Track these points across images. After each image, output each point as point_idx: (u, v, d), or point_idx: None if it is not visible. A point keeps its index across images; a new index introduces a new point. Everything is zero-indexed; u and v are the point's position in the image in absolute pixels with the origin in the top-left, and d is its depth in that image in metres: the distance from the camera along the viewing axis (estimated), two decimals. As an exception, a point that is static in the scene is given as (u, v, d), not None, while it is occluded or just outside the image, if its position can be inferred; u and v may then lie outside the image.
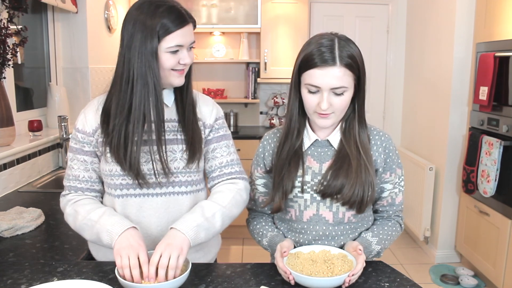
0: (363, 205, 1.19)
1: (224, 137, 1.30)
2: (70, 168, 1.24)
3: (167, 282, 0.99)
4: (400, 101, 4.13)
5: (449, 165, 3.17)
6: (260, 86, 4.10)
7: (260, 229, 1.30)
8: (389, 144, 1.25)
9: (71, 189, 1.24)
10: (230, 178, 1.28)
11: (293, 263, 1.12)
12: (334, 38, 1.14)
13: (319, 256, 1.14)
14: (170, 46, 1.11)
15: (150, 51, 1.10)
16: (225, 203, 1.20)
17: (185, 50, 1.15)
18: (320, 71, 1.11)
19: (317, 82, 1.12)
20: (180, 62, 1.15)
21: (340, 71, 1.11)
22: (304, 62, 1.14)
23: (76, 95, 2.87)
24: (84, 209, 1.17)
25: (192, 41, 1.16)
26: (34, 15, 2.65)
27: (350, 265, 1.10)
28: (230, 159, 1.29)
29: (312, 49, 1.13)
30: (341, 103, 1.15)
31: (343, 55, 1.11)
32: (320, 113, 1.15)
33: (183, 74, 1.18)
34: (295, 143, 1.24)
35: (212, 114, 1.29)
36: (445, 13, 3.18)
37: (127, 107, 1.13)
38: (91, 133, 1.20)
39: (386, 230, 1.26)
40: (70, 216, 1.21)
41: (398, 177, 1.28)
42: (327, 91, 1.12)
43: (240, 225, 1.64)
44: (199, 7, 3.73)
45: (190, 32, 1.15)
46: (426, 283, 2.97)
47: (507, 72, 2.53)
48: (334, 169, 1.19)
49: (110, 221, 1.12)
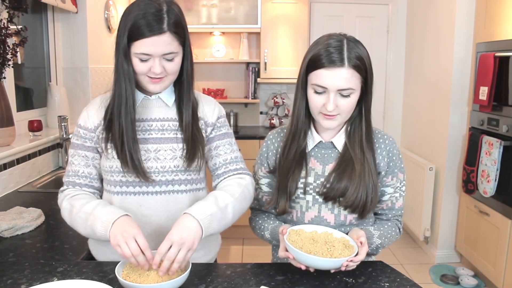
0: (366, 209, 1.19)
1: (226, 135, 1.30)
2: (70, 164, 1.24)
3: (166, 282, 0.99)
4: (400, 101, 4.13)
5: (449, 165, 3.17)
6: (260, 86, 4.10)
7: (262, 224, 1.30)
8: (393, 148, 1.25)
9: (69, 184, 1.23)
10: (236, 174, 1.27)
11: (294, 239, 1.11)
12: (343, 39, 1.13)
13: (321, 237, 1.13)
14: (136, 53, 1.10)
15: (123, 49, 1.11)
16: (236, 195, 1.18)
17: (156, 59, 1.11)
18: (327, 71, 1.10)
19: (324, 82, 1.11)
20: (151, 70, 1.12)
21: (348, 73, 1.10)
22: (312, 62, 1.13)
23: (76, 95, 2.87)
24: (79, 203, 1.16)
25: (166, 52, 1.10)
26: (34, 15, 2.64)
27: (351, 250, 1.09)
28: (234, 156, 1.29)
29: (320, 49, 1.12)
30: (347, 105, 1.14)
31: (351, 56, 1.10)
32: (325, 114, 1.15)
33: (157, 82, 1.15)
34: (302, 144, 1.23)
35: (214, 113, 1.29)
36: (445, 13, 3.18)
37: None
38: (93, 129, 1.21)
39: (387, 228, 1.26)
40: (65, 210, 1.19)
41: (400, 181, 1.27)
42: (334, 92, 1.11)
43: (240, 225, 1.64)
44: (199, 7, 3.73)
45: (163, 42, 1.09)
46: (426, 283, 2.97)
47: (507, 72, 2.53)
48: (337, 172, 1.19)
49: (104, 211, 1.10)
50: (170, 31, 1.09)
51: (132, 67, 1.13)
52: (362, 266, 1.18)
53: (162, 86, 1.17)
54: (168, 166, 1.20)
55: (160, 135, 1.22)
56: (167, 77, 1.16)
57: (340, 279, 1.11)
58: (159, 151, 1.20)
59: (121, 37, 1.11)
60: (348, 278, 1.11)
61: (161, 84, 1.17)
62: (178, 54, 1.14)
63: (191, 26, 1.22)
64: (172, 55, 1.12)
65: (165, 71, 1.14)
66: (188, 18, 1.17)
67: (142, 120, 1.22)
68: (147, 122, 1.22)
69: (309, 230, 1.16)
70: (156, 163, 1.20)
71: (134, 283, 0.98)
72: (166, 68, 1.13)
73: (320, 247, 1.08)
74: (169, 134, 1.22)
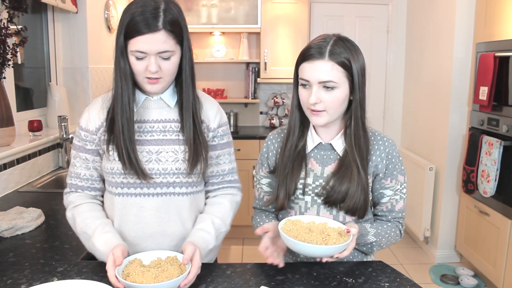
0: (364, 211, 1.21)
1: (227, 144, 1.32)
2: (72, 166, 1.26)
3: (166, 282, 0.99)
4: (400, 101, 4.13)
5: (449, 165, 3.17)
6: (260, 86, 4.10)
7: (260, 221, 1.32)
8: (392, 150, 1.25)
9: (72, 187, 1.26)
10: (230, 187, 1.34)
11: (289, 228, 1.12)
12: (332, 38, 1.16)
13: (318, 227, 1.14)
14: (132, 50, 1.10)
15: (120, 47, 1.12)
16: (228, 222, 1.29)
17: (152, 57, 1.10)
18: (308, 64, 1.14)
19: (307, 75, 1.15)
20: (147, 69, 1.12)
21: (327, 65, 1.12)
22: (299, 58, 1.19)
23: (76, 95, 2.87)
24: (80, 218, 1.21)
25: (161, 51, 1.09)
26: (34, 15, 2.64)
27: (345, 239, 1.10)
28: (231, 167, 1.34)
29: (307, 46, 1.18)
30: (333, 100, 1.14)
31: (335, 51, 1.13)
32: (311, 109, 1.16)
33: (154, 82, 1.14)
34: (298, 142, 1.24)
35: (216, 119, 1.28)
36: (445, 13, 3.18)
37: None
38: (94, 131, 1.21)
39: (385, 228, 1.26)
40: (70, 220, 1.25)
41: (400, 184, 1.26)
42: (316, 84, 1.14)
43: (240, 225, 1.64)
44: (199, 7, 3.73)
45: (158, 40, 1.08)
46: (426, 283, 2.97)
47: (507, 72, 2.53)
48: (338, 176, 1.20)
49: (101, 241, 1.14)
50: (166, 29, 1.09)
51: (129, 66, 1.13)
52: (362, 266, 1.19)
53: (159, 87, 1.17)
54: (169, 168, 1.20)
55: (161, 136, 1.21)
56: (163, 78, 1.15)
57: (340, 279, 1.11)
58: (160, 153, 1.20)
59: (119, 34, 1.12)
60: (348, 278, 1.11)
61: (158, 85, 1.16)
62: (175, 54, 1.14)
63: (191, 26, 1.22)
64: (168, 53, 1.11)
65: (161, 70, 1.13)
66: (188, 18, 1.17)
67: (144, 121, 1.22)
68: (149, 123, 1.22)
69: (307, 221, 1.18)
70: (158, 165, 1.20)
71: (134, 283, 0.98)
72: (162, 67, 1.13)
73: (315, 236, 1.09)
74: (170, 135, 1.22)
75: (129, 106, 1.16)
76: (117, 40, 1.12)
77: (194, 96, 1.22)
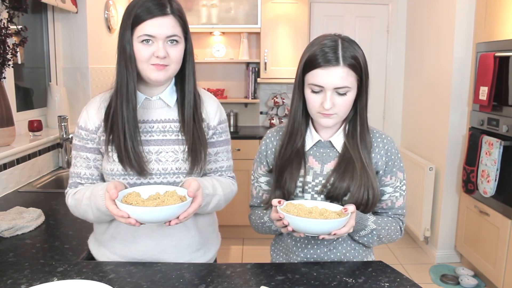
0: (367, 209, 1.20)
1: (226, 142, 1.33)
2: (73, 166, 1.25)
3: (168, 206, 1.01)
4: (400, 101, 4.13)
5: (449, 165, 3.17)
6: (260, 86, 4.10)
7: (259, 213, 1.32)
8: (391, 147, 1.25)
9: (71, 186, 1.25)
10: None
11: (289, 209, 1.11)
12: (338, 39, 1.15)
13: (319, 211, 1.13)
14: (139, 35, 1.11)
15: (128, 41, 1.12)
16: (225, 192, 1.27)
17: (160, 42, 1.11)
18: (323, 71, 1.12)
19: (321, 81, 1.13)
20: (154, 55, 1.12)
21: (343, 71, 1.12)
22: (308, 63, 1.15)
23: (76, 95, 2.87)
24: (80, 194, 1.20)
25: (170, 34, 1.12)
26: (34, 15, 2.65)
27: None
28: (228, 165, 1.34)
29: (315, 50, 1.14)
30: (344, 103, 1.15)
31: (346, 55, 1.12)
32: (323, 113, 1.16)
33: (161, 69, 1.14)
34: (298, 144, 1.24)
35: (216, 116, 1.29)
36: (445, 13, 3.18)
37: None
38: (94, 130, 1.21)
39: (386, 221, 1.25)
40: (73, 207, 1.23)
41: (400, 180, 1.27)
42: (330, 90, 1.13)
43: (240, 225, 1.64)
44: (199, 7, 3.73)
45: (167, 24, 1.11)
46: (426, 283, 2.97)
47: (507, 72, 2.53)
48: (339, 172, 1.20)
49: (99, 187, 1.15)
50: (174, 15, 1.12)
51: (133, 54, 1.13)
52: (362, 266, 1.19)
53: (166, 74, 1.16)
54: (170, 168, 1.20)
55: (161, 136, 1.21)
56: (170, 66, 1.15)
57: (340, 279, 1.11)
58: (160, 153, 1.20)
59: (126, 21, 1.12)
60: (348, 278, 1.11)
61: (164, 72, 1.15)
62: (181, 42, 1.15)
63: (191, 26, 1.22)
64: (175, 37, 1.13)
65: (169, 56, 1.13)
66: (188, 18, 1.18)
67: (144, 121, 1.21)
68: (149, 124, 1.22)
69: (309, 206, 1.16)
70: (158, 165, 1.20)
71: (137, 205, 1.01)
72: (170, 54, 1.13)
73: (314, 216, 1.09)
74: (170, 135, 1.22)
75: (135, 95, 1.16)
76: (123, 29, 1.13)
77: (195, 92, 1.23)
